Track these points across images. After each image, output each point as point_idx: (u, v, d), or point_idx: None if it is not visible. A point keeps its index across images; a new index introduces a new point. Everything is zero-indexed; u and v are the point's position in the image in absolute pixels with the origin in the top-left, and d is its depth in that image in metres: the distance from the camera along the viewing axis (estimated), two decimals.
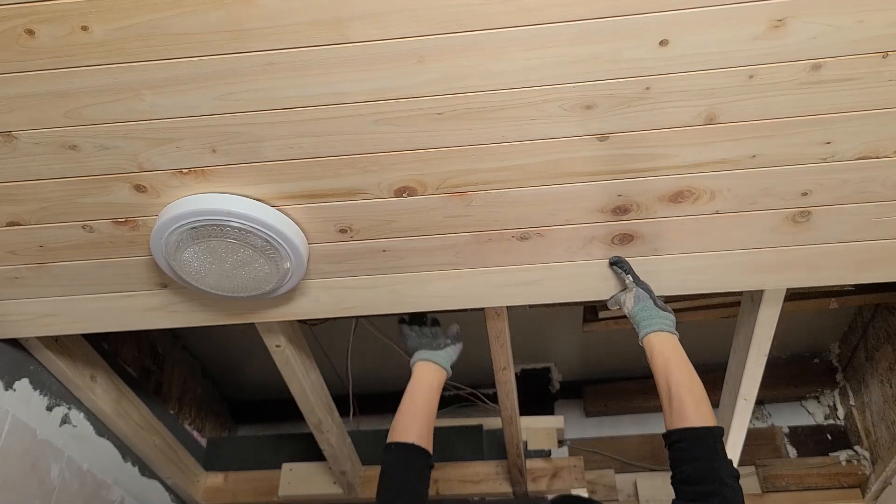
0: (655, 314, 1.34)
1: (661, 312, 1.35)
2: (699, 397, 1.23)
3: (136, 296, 1.50)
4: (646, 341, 1.33)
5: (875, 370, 2.43)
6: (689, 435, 1.19)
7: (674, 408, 1.23)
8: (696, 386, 1.25)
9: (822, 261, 1.39)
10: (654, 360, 1.30)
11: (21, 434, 1.70)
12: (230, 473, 2.53)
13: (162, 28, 1.01)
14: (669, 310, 1.37)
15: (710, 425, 1.19)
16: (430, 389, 1.44)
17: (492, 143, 1.18)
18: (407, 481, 1.30)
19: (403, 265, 1.42)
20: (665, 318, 1.34)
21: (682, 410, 1.22)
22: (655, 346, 1.31)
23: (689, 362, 1.29)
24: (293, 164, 1.21)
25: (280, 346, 1.73)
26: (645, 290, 1.38)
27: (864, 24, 1.01)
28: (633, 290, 1.38)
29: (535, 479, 2.38)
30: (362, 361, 2.66)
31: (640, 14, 1.00)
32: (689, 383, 1.25)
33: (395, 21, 1.01)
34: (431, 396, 1.42)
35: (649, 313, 1.34)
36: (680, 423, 1.21)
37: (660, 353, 1.30)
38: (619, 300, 1.42)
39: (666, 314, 1.35)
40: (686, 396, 1.23)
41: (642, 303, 1.36)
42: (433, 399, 1.42)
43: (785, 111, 1.13)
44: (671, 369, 1.27)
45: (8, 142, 1.17)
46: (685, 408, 1.21)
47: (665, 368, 1.28)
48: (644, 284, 1.39)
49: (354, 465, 2.38)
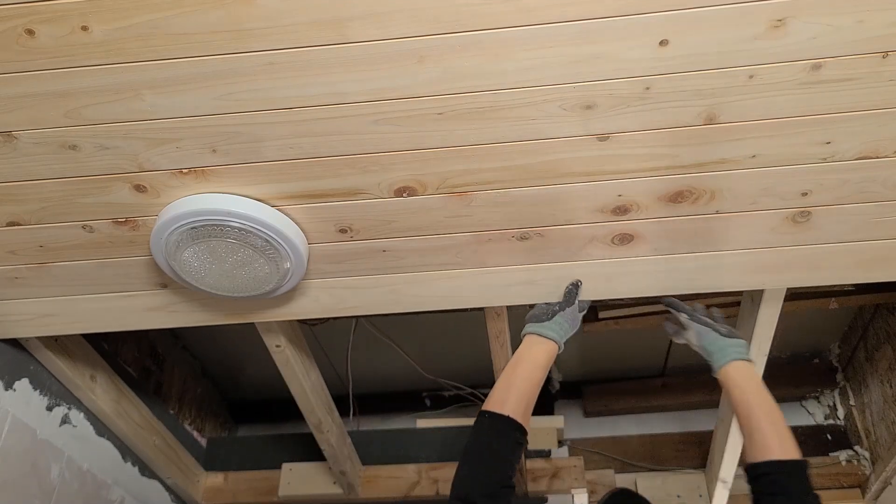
0: (724, 345, 1.34)
1: (729, 341, 1.34)
2: (781, 429, 1.22)
3: (136, 296, 1.50)
4: (720, 374, 1.33)
5: (875, 370, 2.43)
6: (779, 469, 1.18)
7: (755, 440, 1.22)
8: (777, 416, 1.24)
9: (822, 261, 1.39)
10: (731, 392, 1.29)
11: (21, 434, 1.70)
12: (230, 473, 2.53)
13: (162, 28, 1.01)
14: (737, 334, 1.36)
15: (798, 458, 1.18)
16: (533, 363, 1.34)
17: (492, 143, 1.18)
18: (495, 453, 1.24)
19: (403, 265, 1.42)
20: (734, 345, 1.33)
21: (765, 443, 1.21)
22: (731, 377, 1.31)
23: (766, 391, 1.28)
24: (293, 164, 1.21)
25: (280, 346, 1.73)
26: (703, 323, 1.37)
27: (864, 24, 1.01)
28: (692, 328, 1.38)
29: (535, 479, 2.38)
30: (362, 361, 2.67)
31: (640, 14, 1.00)
32: (770, 414, 1.24)
33: (395, 21, 1.01)
34: (533, 371, 1.33)
35: (718, 345, 1.34)
36: (764, 456, 1.19)
37: (735, 385, 1.29)
38: (684, 336, 1.42)
39: (735, 341, 1.34)
40: (768, 429, 1.22)
41: (707, 336, 1.36)
42: (535, 374, 1.33)
43: (785, 111, 1.13)
44: (750, 400, 1.26)
45: (8, 142, 1.17)
46: (768, 440, 1.20)
47: (743, 400, 1.27)
48: (699, 318, 1.39)
49: (354, 465, 2.38)
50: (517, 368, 1.33)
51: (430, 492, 2.39)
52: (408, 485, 2.41)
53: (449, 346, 2.69)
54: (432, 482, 2.40)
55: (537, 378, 1.33)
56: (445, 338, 2.66)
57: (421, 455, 2.49)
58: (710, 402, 2.64)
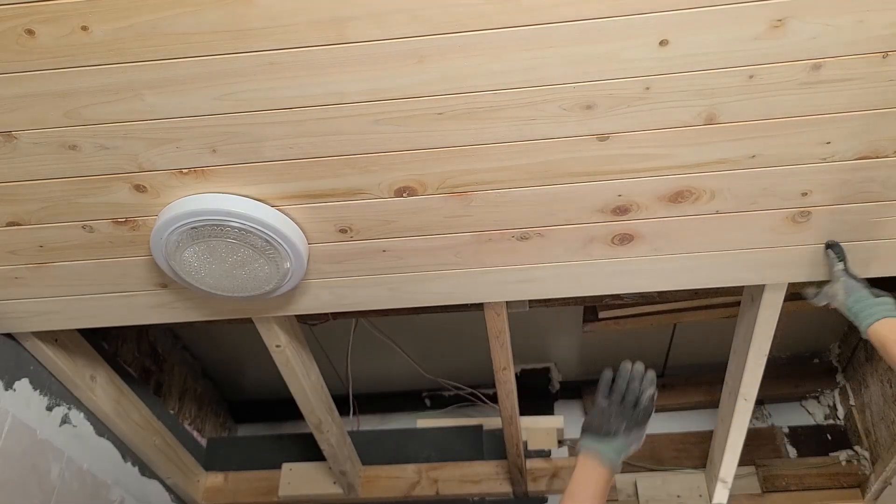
0: (873, 303, 1.27)
1: (878, 299, 1.28)
2: None
3: (137, 295, 1.50)
4: (871, 333, 1.26)
5: (875, 370, 2.43)
6: None
7: None
8: None
9: (822, 260, 1.40)
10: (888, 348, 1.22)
11: (21, 434, 1.70)
12: (230, 473, 2.53)
13: (162, 28, 1.01)
14: (885, 293, 1.29)
15: None
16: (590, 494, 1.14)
17: (492, 143, 1.18)
18: None
19: (403, 265, 1.42)
20: (884, 303, 1.27)
21: None
22: (885, 334, 1.24)
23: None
24: (293, 164, 1.21)
25: (280, 346, 1.73)
26: (855, 279, 1.31)
27: (864, 24, 1.01)
28: (841, 281, 1.31)
29: (535, 479, 2.38)
30: (362, 361, 2.67)
31: (640, 14, 1.00)
32: None
33: (395, 21, 1.01)
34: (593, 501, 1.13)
35: (866, 303, 1.28)
36: None
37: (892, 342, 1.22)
38: (828, 294, 1.34)
39: (884, 299, 1.28)
40: None
41: (855, 293, 1.29)
42: None
43: (785, 111, 1.13)
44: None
45: (8, 142, 1.17)
46: None
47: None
48: (854, 273, 1.32)
49: (354, 465, 2.38)
50: None
51: (430, 492, 2.39)
52: (408, 485, 2.41)
53: (449, 346, 2.69)
54: (432, 482, 2.40)
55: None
56: (445, 338, 2.65)
57: (421, 455, 2.49)
58: (710, 402, 2.64)
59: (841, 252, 1.34)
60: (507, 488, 2.37)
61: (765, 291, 1.57)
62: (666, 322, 2.23)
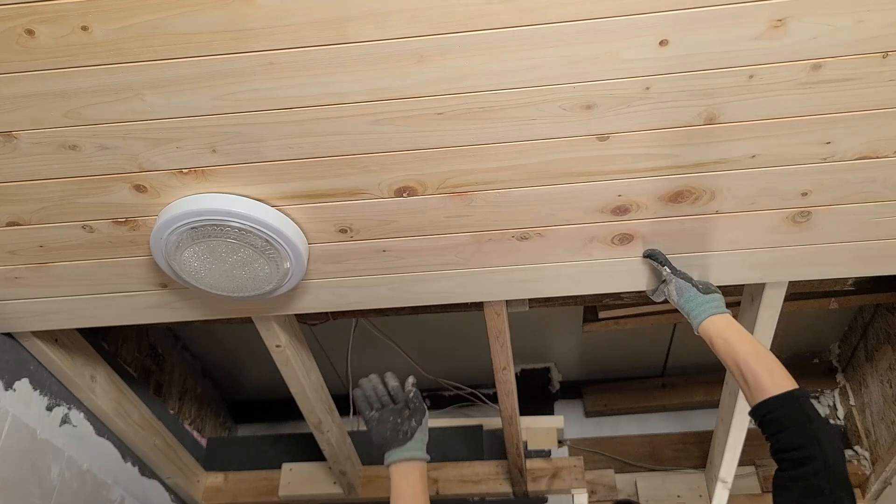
0: (702, 301, 1.32)
1: (707, 296, 1.33)
2: (770, 365, 1.20)
3: (137, 295, 1.50)
4: (700, 330, 1.32)
5: (875, 370, 2.43)
6: (774, 405, 1.15)
7: (750, 384, 1.20)
8: (764, 354, 1.23)
9: (822, 258, 1.40)
10: (715, 345, 1.29)
11: (21, 434, 1.70)
12: (230, 473, 2.53)
13: (162, 28, 1.01)
14: (714, 289, 1.35)
15: (790, 389, 1.15)
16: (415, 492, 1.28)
17: (492, 143, 1.18)
18: None
19: (403, 265, 1.42)
20: (711, 300, 1.32)
21: (758, 384, 1.18)
22: (711, 331, 1.30)
23: (748, 334, 1.28)
24: (293, 164, 1.21)
25: (280, 346, 1.73)
26: (684, 278, 1.36)
27: (864, 24, 1.01)
28: (672, 282, 1.36)
29: (535, 479, 2.38)
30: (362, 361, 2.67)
31: (640, 14, 1.00)
32: (756, 355, 1.22)
33: (395, 21, 1.01)
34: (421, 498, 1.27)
35: (696, 302, 1.33)
36: (761, 397, 1.17)
37: (718, 337, 1.28)
38: (664, 292, 1.41)
39: (712, 296, 1.33)
40: (757, 368, 1.20)
41: (686, 293, 1.34)
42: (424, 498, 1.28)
43: (785, 111, 1.13)
44: (734, 348, 1.25)
45: (8, 142, 1.17)
46: (760, 380, 1.18)
47: (728, 350, 1.26)
48: (682, 273, 1.37)
49: (354, 465, 2.38)
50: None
51: (429, 492, 2.38)
52: None
53: (449, 346, 2.69)
54: (432, 482, 2.40)
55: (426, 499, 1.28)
56: (445, 338, 2.66)
57: None
58: (710, 403, 2.64)
59: (661, 257, 1.38)
60: (507, 488, 2.37)
61: (765, 291, 1.57)
62: (666, 322, 2.23)
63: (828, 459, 1.05)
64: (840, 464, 1.06)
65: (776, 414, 1.15)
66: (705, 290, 1.35)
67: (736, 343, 1.25)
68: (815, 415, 1.12)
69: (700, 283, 1.36)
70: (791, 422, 1.12)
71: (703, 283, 1.36)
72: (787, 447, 1.10)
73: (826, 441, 1.07)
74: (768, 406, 1.16)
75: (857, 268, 1.42)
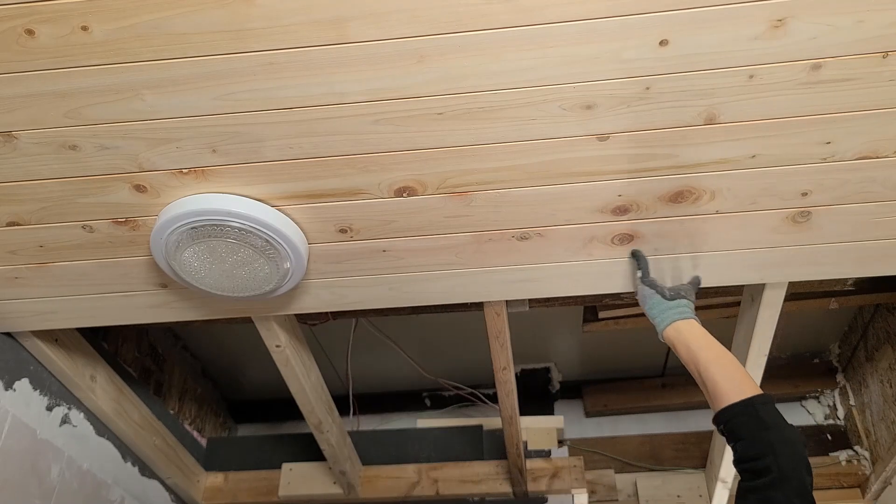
0: (665, 307, 1.32)
1: (671, 303, 1.32)
2: (730, 372, 1.18)
3: (137, 295, 1.50)
4: (664, 338, 1.31)
5: (875, 370, 2.43)
6: (731, 413, 1.14)
7: (710, 392, 1.19)
8: (724, 361, 1.21)
9: (822, 258, 1.40)
10: (678, 352, 1.28)
11: (21, 434, 1.70)
12: (230, 473, 2.53)
13: (162, 28, 1.01)
14: (682, 293, 1.34)
15: (748, 397, 1.13)
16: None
17: (492, 143, 1.18)
18: None
19: (403, 265, 1.42)
20: (675, 306, 1.31)
21: (717, 391, 1.17)
22: (673, 338, 1.29)
23: (711, 340, 1.26)
24: (293, 164, 1.21)
25: (280, 346, 1.73)
26: (650, 285, 1.35)
27: (864, 24, 1.01)
28: (638, 289, 1.36)
29: (535, 479, 2.38)
30: (362, 361, 2.67)
31: (640, 14, 1.00)
32: (717, 362, 1.21)
33: (395, 21, 1.01)
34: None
35: (659, 309, 1.32)
36: (721, 405, 1.16)
37: (680, 344, 1.27)
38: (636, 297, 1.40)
39: (677, 302, 1.32)
40: (717, 375, 1.18)
41: (650, 300, 1.34)
42: None
43: (785, 111, 1.13)
44: (695, 355, 1.23)
45: (8, 142, 1.17)
46: (719, 388, 1.17)
47: (689, 357, 1.24)
48: (650, 280, 1.36)
49: (354, 465, 2.38)
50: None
51: (430, 492, 2.39)
52: (408, 485, 2.41)
53: (449, 346, 2.69)
54: (432, 482, 2.40)
55: None
56: (445, 338, 2.66)
57: (421, 455, 2.49)
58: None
59: (641, 261, 1.37)
60: (507, 488, 2.37)
61: (765, 291, 1.57)
62: None
63: (783, 470, 1.03)
64: (797, 474, 1.03)
65: (733, 423, 1.13)
66: (672, 296, 1.33)
67: (697, 350, 1.24)
68: (773, 422, 1.09)
69: (670, 289, 1.34)
70: (747, 431, 1.10)
71: (674, 289, 1.35)
72: (744, 457, 1.08)
73: (783, 450, 1.05)
74: (726, 414, 1.14)
75: (857, 268, 1.42)
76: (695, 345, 1.25)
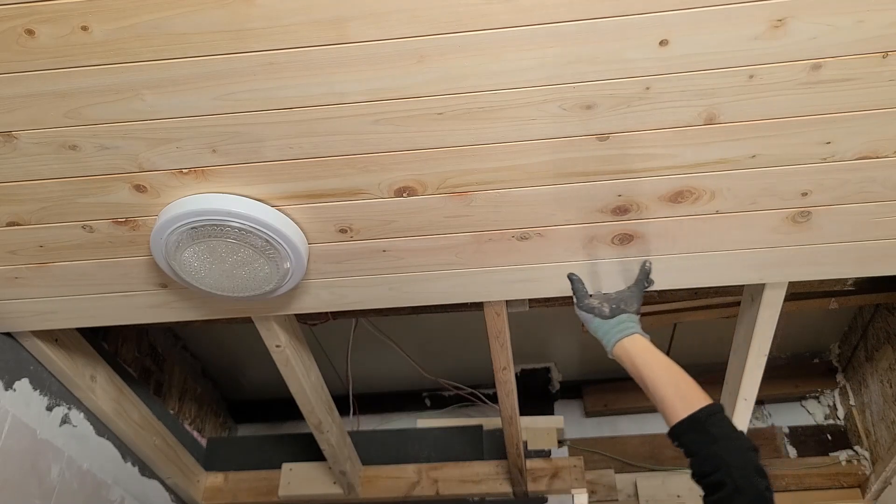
0: (607, 328, 1.32)
1: (612, 321, 1.32)
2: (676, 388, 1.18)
3: (137, 295, 1.50)
4: (613, 357, 1.32)
5: (875, 370, 2.43)
6: (680, 430, 1.14)
7: (660, 409, 1.19)
8: (670, 375, 1.21)
9: (822, 258, 1.40)
10: (627, 370, 1.28)
11: (21, 434, 1.70)
12: (230, 473, 2.53)
13: (162, 28, 1.01)
14: (622, 306, 1.33)
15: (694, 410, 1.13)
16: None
17: (492, 143, 1.18)
18: None
19: (403, 265, 1.42)
20: (617, 324, 1.31)
21: (666, 408, 1.17)
22: (621, 357, 1.29)
23: (654, 356, 1.25)
24: (293, 164, 1.21)
25: (280, 346, 1.73)
26: (586, 309, 1.35)
27: (864, 24, 1.01)
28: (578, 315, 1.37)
29: (535, 479, 2.38)
30: (362, 361, 2.67)
31: (640, 14, 1.00)
32: (663, 377, 1.21)
33: (395, 21, 1.01)
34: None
35: (602, 330, 1.33)
36: (672, 421, 1.16)
37: (627, 362, 1.28)
38: None
39: (617, 319, 1.32)
40: (664, 391, 1.18)
41: (591, 324, 1.35)
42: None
43: (785, 111, 1.13)
44: (641, 372, 1.24)
45: (8, 142, 1.17)
46: (667, 404, 1.17)
47: (637, 374, 1.25)
48: (584, 304, 1.36)
49: (354, 465, 2.38)
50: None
51: (430, 492, 2.39)
52: (408, 485, 2.41)
53: (449, 346, 2.69)
54: (432, 482, 2.40)
55: None
56: (445, 338, 2.66)
57: (421, 455, 2.49)
58: None
59: (573, 284, 1.38)
60: (507, 488, 2.37)
61: (765, 291, 1.57)
62: (666, 322, 2.23)
63: (737, 482, 1.03)
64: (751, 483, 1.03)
65: (683, 440, 1.13)
66: (613, 313, 1.32)
67: (642, 367, 1.24)
68: (720, 433, 1.09)
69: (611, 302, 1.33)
70: (697, 447, 1.11)
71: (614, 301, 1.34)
72: (699, 473, 1.09)
73: (733, 461, 1.05)
74: (676, 431, 1.15)
75: (857, 268, 1.42)
76: (640, 361, 1.25)
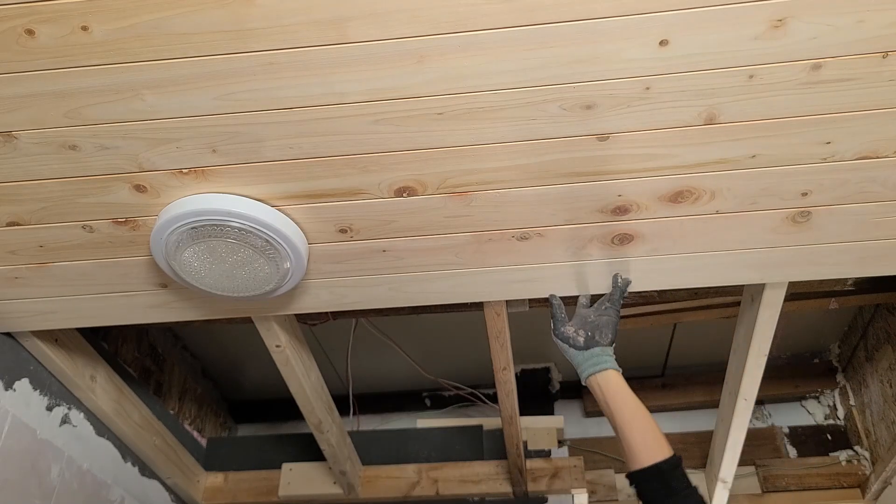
0: (582, 359, 1.34)
1: (586, 353, 1.34)
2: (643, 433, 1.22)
3: (137, 295, 1.50)
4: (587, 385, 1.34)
5: (875, 370, 2.43)
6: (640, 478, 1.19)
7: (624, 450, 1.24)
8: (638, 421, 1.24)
9: (822, 258, 1.40)
10: (598, 403, 1.32)
11: (21, 434, 1.70)
12: (230, 473, 2.53)
13: (162, 28, 1.01)
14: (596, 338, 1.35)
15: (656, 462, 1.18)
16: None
17: (492, 143, 1.18)
18: None
19: (403, 265, 1.42)
20: (590, 357, 1.34)
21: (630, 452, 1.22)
22: (594, 389, 1.32)
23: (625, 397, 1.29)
24: (293, 164, 1.21)
25: (280, 346, 1.73)
26: (561, 339, 1.37)
27: (864, 24, 1.01)
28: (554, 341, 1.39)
29: (535, 479, 2.38)
30: (362, 361, 2.67)
31: (640, 14, 1.00)
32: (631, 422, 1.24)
33: (395, 21, 1.01)
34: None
35: (577, 360, 1.35)
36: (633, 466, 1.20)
37: (598, 397, 1.31)
38: None
39: (591, 352, 1.34)
40: (632, 436, 1.23)
41: (567, 353, 1.37)
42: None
43: (785, 111, 1.13)
44: (612, 412, 1.28)
45: (8, 142, 1.17)
46: (633, 449, 1.22)
47: (607, 412, 1.29)
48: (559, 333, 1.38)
49: (354, 465, 2.39)
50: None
51: (430, 492, 2.39)
52: (408, 485, 2.41)
53: (449, 346, 2.69)
54: (432, 482, 2.40)
55: None
56: (445, 338, 2.66)
57: (421, 455, 2.49)
58: (710, 403, 2.64)
59: (551, 309, 1.40)
60: (507, 488, 2.37)
61: (765, 291, 1.57)
62: (666, 322, 2.23)
63: None
64: None
65: (641, 487, 1.19)
66: (587, 344, 1.35)
67: (613, 408, 1.27)
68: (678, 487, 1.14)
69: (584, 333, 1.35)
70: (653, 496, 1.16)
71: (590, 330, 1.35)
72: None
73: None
74: (635, 478, 1.20)
75: (857, 268, 1.42)
76: (611, 401, 1.29)
